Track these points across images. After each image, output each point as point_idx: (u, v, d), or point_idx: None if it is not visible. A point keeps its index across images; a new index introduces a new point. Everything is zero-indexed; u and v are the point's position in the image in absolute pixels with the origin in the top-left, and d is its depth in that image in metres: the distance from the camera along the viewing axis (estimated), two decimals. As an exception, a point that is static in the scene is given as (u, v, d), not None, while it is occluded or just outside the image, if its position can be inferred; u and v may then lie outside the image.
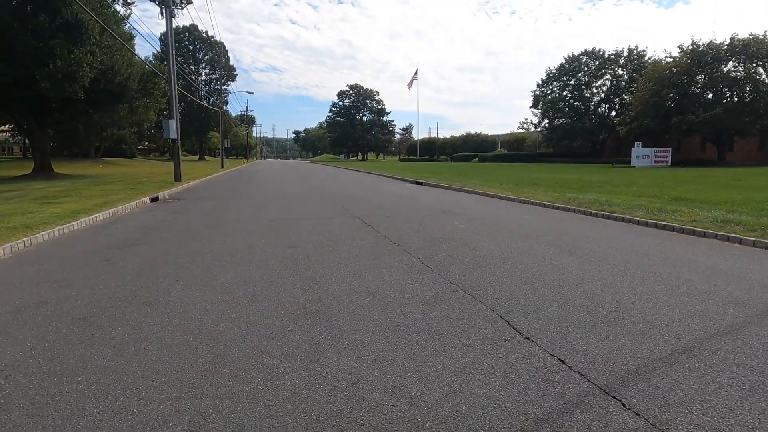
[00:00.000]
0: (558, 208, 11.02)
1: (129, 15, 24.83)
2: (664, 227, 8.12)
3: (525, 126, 64.22)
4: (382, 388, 2.51)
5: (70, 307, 3.94)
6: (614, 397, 2.38)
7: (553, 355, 2.89)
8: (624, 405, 2.31)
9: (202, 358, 2.92)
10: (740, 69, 34.45)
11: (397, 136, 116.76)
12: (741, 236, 6.88)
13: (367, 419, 2.22)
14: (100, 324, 3.55)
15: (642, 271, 5.03)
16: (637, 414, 2.23)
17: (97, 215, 9.53)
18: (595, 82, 53.61)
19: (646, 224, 8.49)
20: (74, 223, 8.50)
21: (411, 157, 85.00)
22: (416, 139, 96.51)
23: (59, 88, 19.33)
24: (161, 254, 6.10)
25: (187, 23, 75.30)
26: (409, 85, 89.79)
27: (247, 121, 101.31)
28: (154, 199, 13.52)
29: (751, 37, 33.35)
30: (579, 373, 2.66)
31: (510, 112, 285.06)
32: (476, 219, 9.27)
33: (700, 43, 35.29)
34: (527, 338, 3.17)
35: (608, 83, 52.94)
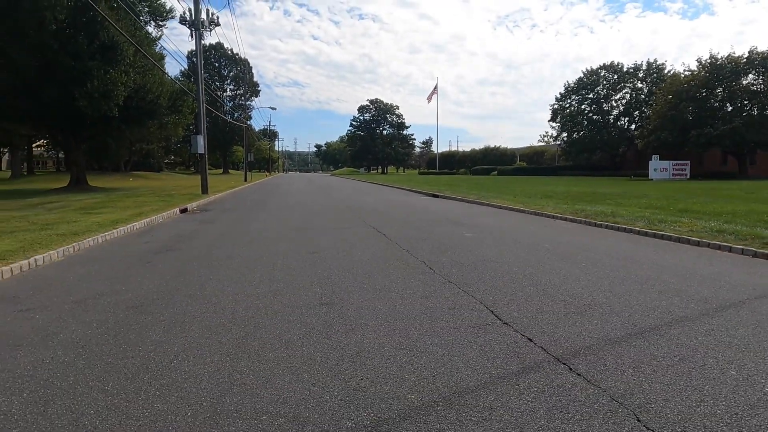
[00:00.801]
0: (565, 219, 11.50)
1: (160, 36, 26.33)
2: (662, 237, 8.57)
3: (546, 139, 64.46)
4: (379, 357, 3.14)
5: (123, 298, 4.67)
6: (564, 364, 2.96)
7: (524, 335, 3.47)
8: (570, 368, 2.89)
9: (236, 335, 3.59)
10: (760, 81, 34.32)
11: (417, 150, 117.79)
12: (731, 245, 7.32)
13: (365, 376, 2.85)
14: (150, 311, 4.25)
15: (625, 273, 5.56)
16: (578, 374, 2.81)
17: (134, 224, 10.38)
18: (614, 95, 53.67)
19: (646, 234, 8.95)
20: (114, 231, 9.35)
21: (430, 171, 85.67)
22: (436, 152, 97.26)
23: (96, 106, 20.59)
24: (195, 258, 6.84)
25: (214, 41, 77.83)
26: (429, 98, 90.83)
27: (270, 135, 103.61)
28: (184, 210, 14.41)
29: (769, 49, 33.34)
30: (541, 348, 3.24)
31: (531, 125, 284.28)
32: (484, 229, 9.84)
33: (719, 57, 35.33)
34: (506, 323, 3.76)
35: (627, 96, 52.93)
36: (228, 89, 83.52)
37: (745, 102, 34.87)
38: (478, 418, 2.35)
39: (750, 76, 34.59)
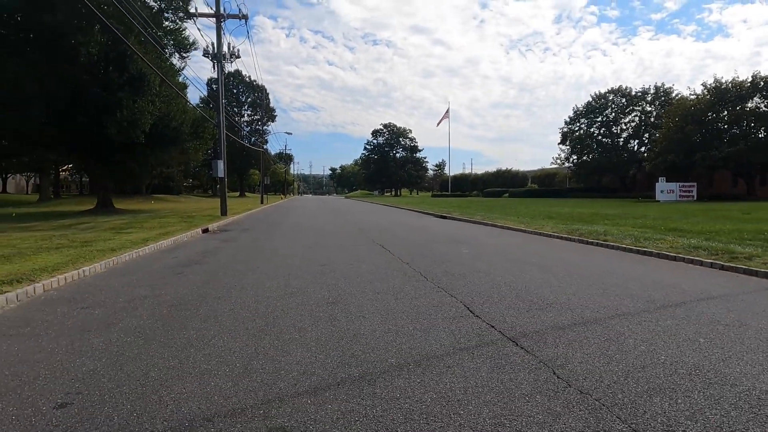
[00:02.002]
0: (561, 237, 12.27)
1: (184, 67, 27.93)
2: (644, 253, 9.33)
3: (558, 161, 65.16)
4: (371, 337, 4.00)
5: (164, 300, 5.61)
6: (513, 341, 3.81)
7: (489, 324, 4.32)
8: (516, 344, 3.73)
9: (259, 324, 4.49)
10: (764, 105, 34.91)
11: (431, 172, 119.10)
12: (702, 259, 8.06)
13: (358, 349, 3.72)
14: (188, 308, 5.18)
15: (593, 282, 6.37)
16: (521, 348, 3.65)
17: (161, 242, 11.41)
18: (624, 118, 54.43)
19: (630, 250, 9.70)
20: (145, 247, 10.38)
21: (443, 193, 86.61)
22: (448, 174, 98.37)
23: (124, 133, 22.04)
24: (220, 270, 7.79)
25: (232, 68, 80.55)
26: (439, 123, 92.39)
27: (285, 158, 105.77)
28: (205, 230, 15.48)
29: (773, 74, 34.03)
30: (500, 332, 4.09)
31: (545, 147, 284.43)
32: (481, 246, 10.68)
33: (723, 81, 36.07)
34: (477, 316, 4.61)
35: (637, 119, 53.65)
36: (245, 114, 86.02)
37: (751, 125, 35.43)
38: (438, 372, 3.21)
39: (755, 99, 35.21)
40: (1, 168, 52.72)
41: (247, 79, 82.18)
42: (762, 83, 34.21)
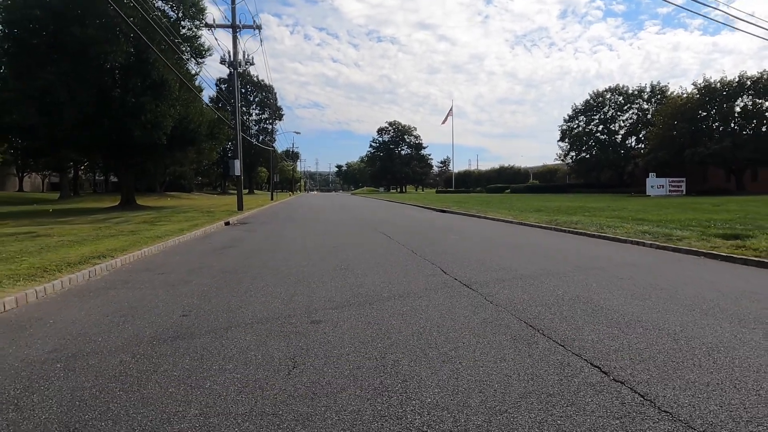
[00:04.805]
0: (541, 227, 14.08)
1: (200, 71, 29.90)
2: (603, 237, 11.13)
3: (562, 158, 66.59)
4: (371, 285, 5.87)
5: (217, 269, 7.49)
6: (467, 286, 5.67)
7: (453, 278, 6.18)
8: (469, 288, 5.59)
9: (293, 280, 6.36)
10: (749, 104, 36.47)
11: (435, 169, 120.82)
12: (645, 241, 9.86)
13: (361, 290, 5.58)
14: (237, 273, 7.06)
15: (544, 255, 8.20)
16: (472, 289, 5.51)
17: (194, 232, 13.33)
18: (622, 116, 56.05)
19: (593, 236, 11.50)
20: (182, 236, 12.28)
21: (447, 189, 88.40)
22: (453, 171, 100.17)
23: (148, 135, 24.01)
24: (252, 251, 9.68)
25: (241, 70, 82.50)
26: (444, 121, 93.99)
27: (292, 156, 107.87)
28: (227, 223, 17.40)
29: (759, 73, 35.59)
30: (459, 282, 5.95)
31: (550, 143, 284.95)
32: (468, 233, 12.53)
33: (712, 80, 37.68)
34: (446, 274, 6.47)
35: (634, 117, 55.21)
36: (253, 113, 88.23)
37: (738, 122, 36.99)
38: (413, 299, 5.07)
39: (745, 97, 36.77)
40: (22, 166, 54.96)
41: (255, 79, 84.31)
42: (749, 82, 35.78)
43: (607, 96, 55.96)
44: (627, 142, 56.18)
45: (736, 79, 36.30)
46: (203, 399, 2.79)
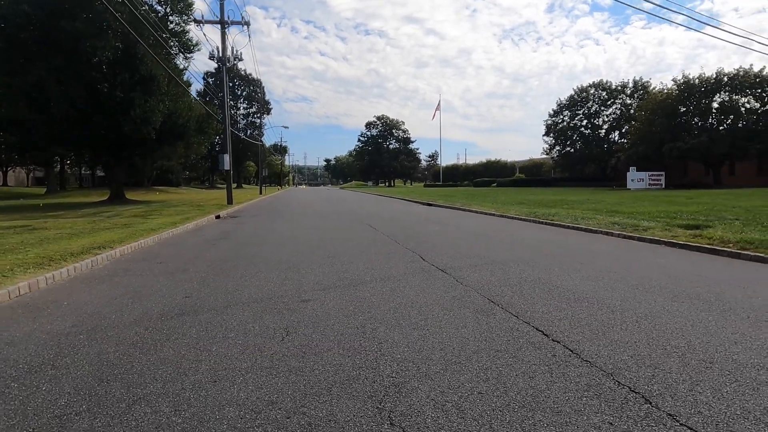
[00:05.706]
0: (520, 219, 14.73)
1: (188, 66, 30.11)
2: (576, 228, 11.80)
3: (547, 152, 67.67)
4: (356, 270, 6.44)
5: (212, 258, 8.01)
6: (442, 271, 6.26)
7: (431, 264, 6.78)
8: (444, 272, 6.19)
9: (284, 267, 6.91)
10: (726, 99, 37.58)
11: (424, 163, 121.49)
12: (613, 231, 10.54)
13: (346, 276, 6.15)
14: (232, 262, 7.59)
15: (519, 243, 8.84)
16: (446, 273, 6.11)
17: (186, 225, 13.78)
18: (605, 110, 57.08)
19: (567, 227, 12.17)
20: (175, 229, 12.73)
21: (435, 183, 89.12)
22: (440, 165, 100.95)
23: (138, 130, 24.26)
24: (244, 242, 10.20)
25: (228, 64, 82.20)
26: (433, 116, 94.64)
27: (281, 150, 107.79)
28: (218, 217, 17.84)
29: (735, 70, 36.69)
30: (437, 267, 6.54)
31: (537, 138, 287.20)
32: (450, 225, 13.15)
33: (690, 77, 38.75)
34: (424, 260, 7.07)
35: (618, 112, 56.29)
36: (241, 107, 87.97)
37: (716, 117, 38.10)
38: (392, 282, 5.66)
39: (720, 94, 37.86)
40: (6, 161, 54.53)
41: (243, 72, 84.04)
42: (726, 79, 36.85)
43: (591, 91, 56.98)
44: (610, 136, 57.29)
45: (714, 76, 37.39)
46: (212, 359, 3.35)
